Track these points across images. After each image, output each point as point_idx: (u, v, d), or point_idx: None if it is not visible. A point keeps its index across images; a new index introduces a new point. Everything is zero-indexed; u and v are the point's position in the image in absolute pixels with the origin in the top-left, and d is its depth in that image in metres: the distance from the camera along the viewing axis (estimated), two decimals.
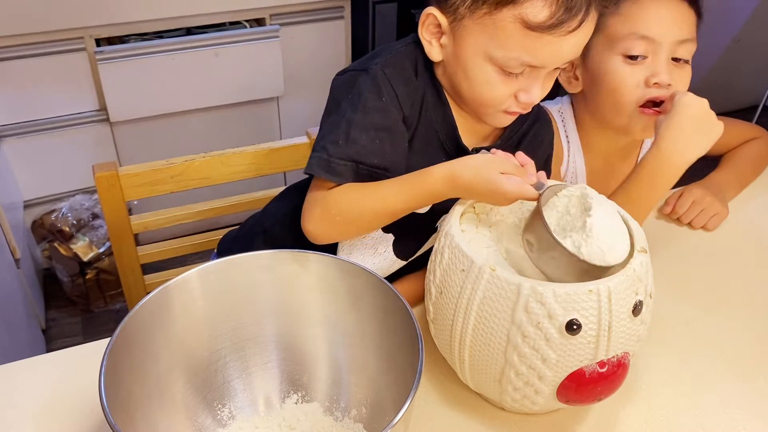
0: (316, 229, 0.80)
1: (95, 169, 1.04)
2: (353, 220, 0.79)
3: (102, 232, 1.99)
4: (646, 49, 0.95)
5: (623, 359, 0.65)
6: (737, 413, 0.76)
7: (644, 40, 0.94)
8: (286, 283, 0.73)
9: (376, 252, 0.90)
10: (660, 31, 0.94)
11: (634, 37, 0.94)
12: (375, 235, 0.89)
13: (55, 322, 1.99)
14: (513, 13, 0.71)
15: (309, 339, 0.75)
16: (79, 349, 0.82)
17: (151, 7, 1.86)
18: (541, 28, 0.71)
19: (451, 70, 0.81)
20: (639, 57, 0.95)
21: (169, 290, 0.68)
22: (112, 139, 2.00)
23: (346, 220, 0.79)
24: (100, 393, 0.56)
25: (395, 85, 0.80)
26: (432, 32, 0.79)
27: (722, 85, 2.96)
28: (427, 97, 0.84)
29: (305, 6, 2.07)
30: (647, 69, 0.96)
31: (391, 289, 0.67)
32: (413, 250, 0.93)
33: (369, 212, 0.78)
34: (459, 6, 0.75)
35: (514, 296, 0.62)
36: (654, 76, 0.95)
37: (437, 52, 0.80)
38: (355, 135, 0.78)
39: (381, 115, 0.79)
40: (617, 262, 0.66)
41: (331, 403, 0.75)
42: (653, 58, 0.95)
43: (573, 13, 0.71)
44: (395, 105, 0.80)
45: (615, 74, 0.97)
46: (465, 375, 0.72)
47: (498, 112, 0.81)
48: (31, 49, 1.79)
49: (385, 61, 0.81)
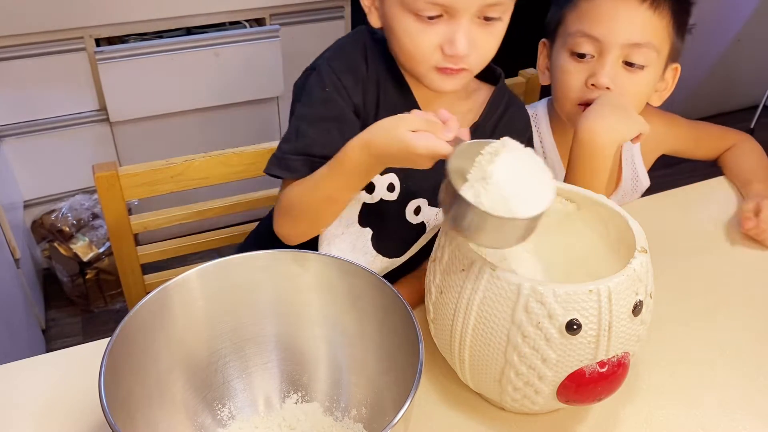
0: (280, 229, 0.81)
1: (95, 169, 1.04)
2: (301, 214, 0.79)
3: (102, 232, 1.98)
4: (593, 49, 0.95)
5: (623, 359, 0.65)
6: (737, 413, 0.76)
7: (590, 39, 0.94)
8: (286, 283, 0.73)
9: (355, 247, 0.90)
10: (607, 32, 0.93)
11: (580, 34, 0.94)
12: (352, 230, 0.89)
13: (55, 322, 1.99)
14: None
15: (309, 339, 0.75)
16: (79, 349, 0.82)
17: (151, 7, 1.86)
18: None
19: (388, 35, 0.81)
20: (586, 56, 0.95)
21: (169, 290, 0.67)
22: (112, 139, 2.00)
23: (296, 216, 0.80)
24: (100, 393, 0.56)
25: (341, 76, 0.81)
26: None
27: (722, 85, 2.96)
28: (384, 82, 0.84)
29: (305, 6, 2.07)
30: (590, 69, 0.95)
31: (391, 289, 0.67)
32: (399, 248, 0.93)
33: (312, 203, 0.78)
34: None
35: (514, 296, 0.62)
36: (592, 77, 0.95)
37: (375, 17, 0.81)
38: (304, 129, 0.80)
39: (327, 106, 0.81)
40: (529, 214, 0.59)
41: (331, 403, 0.75)
42: (598, 59, 0.95)
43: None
44: (341, 95, 0.81)
45: (562, 70, 0.98)
46: (465, 375, 0.72)
47: (430, 70, 0.79)
48: (31, 49, 1.79)
49: (330, 55, 0.84)
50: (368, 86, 0.83)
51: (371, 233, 0.90)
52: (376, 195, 0.88)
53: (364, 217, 0.89)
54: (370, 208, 0.89)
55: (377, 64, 0.84)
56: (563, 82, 0.99)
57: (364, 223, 0.89)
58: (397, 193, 0.88)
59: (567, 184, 0.78)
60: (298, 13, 2.07)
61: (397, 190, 0.88)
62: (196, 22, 1.96)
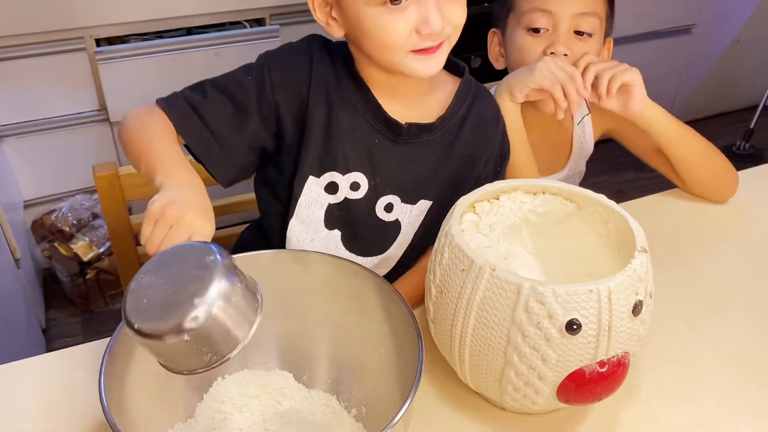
0: (119, 138, 0.83)
1: (95, 169, 1.04)
2: (128, 140, 0.81)
3: (102, 232, 1.99)
4: (547, 23, 1.03)
5: (623, 359, 0.65)
6: (737, 413, 0.76)
7: (544, 13, 1.03)
8: (287, 282, 0.73)
9: (327, 250, 0.90)
10: (559, 5, 1.02)
11: (535, 10, 1.03)
12: (321, 235, 0.90)
13: (55, 322, 1.99)
14: None
15: (309, 339, 0.75)
16: (79, 349, 0.82)
17: (151, 7, 1.86)
18: None
19: (353, 39, 0.82)
20: (541, 30, 1.04)
21: None
22: (112, 139, 2.00)
23: (125, 138, 0.81)
24: (100, 393, 0.56)
25: (272, 71, 0.83)
26: (324, 11, 0.83)
27: (722, 85, 2.97)
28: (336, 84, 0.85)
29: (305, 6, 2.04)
30: (547, 40, 1.04)
31: (391, 289, 0.68)
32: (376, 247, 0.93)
33: (135, 148, 0.79)
34: None
35: (514, 296, 0.62)
36: (550, 47, 1.03)
37: (336, 28, 0.82)
38: (207, 89, 0.83)
39: (238, 89, 0.82)
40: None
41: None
42: (553, 31, 1.04)
43: None
44: (259, 89, 0.82)
45: (520, 47, 1.07)
46: (465, 375, 0.72)
47: (407, 56, 0.79)
48: (31, 49, 1.79)
49: (273, 51, 0.86)
50: (307, 89, 0.84)
51: (340, 234, 0.91)
52: (340, 194, 0.88)
53: (329, 220, 0.89)
54: (335, 210, 0.89)
55: (325, 67, 0.85)
56: (524, 58, 1.06)
57: (331, 225, 0.90)
58: (365, 191, 0.88)
59: (567, 184, 0.78)
60: (298, 13, 2.07)
61: (364, 188, 0.88)
62: (196, 22, 1.96)
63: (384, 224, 0.91)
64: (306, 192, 0.87)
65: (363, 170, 0.87)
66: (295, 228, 0.89)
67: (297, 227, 0.89)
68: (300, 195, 0.87)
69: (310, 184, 0.87)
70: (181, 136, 0.81)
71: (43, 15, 1.75)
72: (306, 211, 0.89)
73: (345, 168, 0.87)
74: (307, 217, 0.89)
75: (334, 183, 0.87)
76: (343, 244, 0.91)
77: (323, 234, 0.90)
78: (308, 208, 0.88)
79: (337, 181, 0.87)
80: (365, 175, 0.87)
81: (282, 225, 0.91)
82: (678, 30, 2.71)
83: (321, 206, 0.88)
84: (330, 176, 0.87)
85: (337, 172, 0.87)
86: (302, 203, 0.88)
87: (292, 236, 0.90)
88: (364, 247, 0.93)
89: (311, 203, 0.88)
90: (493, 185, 0.77)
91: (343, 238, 0.91)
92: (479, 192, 0.76)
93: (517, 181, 0.79)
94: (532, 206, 0.79)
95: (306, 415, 0.73)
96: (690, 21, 2.71)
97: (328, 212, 0.89)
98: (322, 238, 0.90)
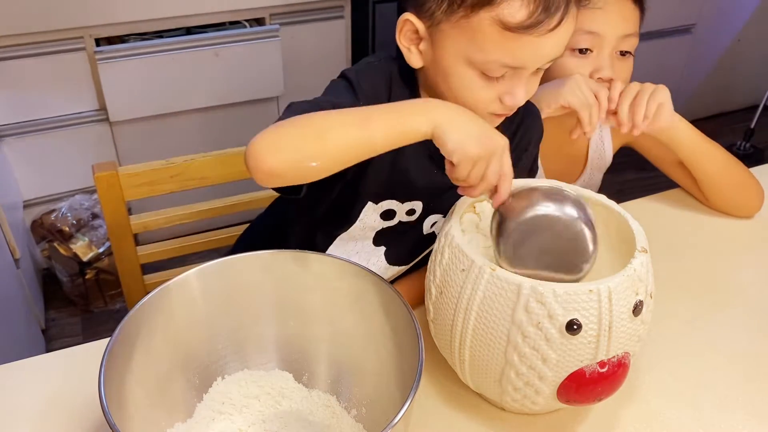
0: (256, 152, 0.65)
1: (95, 169, 1.04)
2: (301, 132, 0.67)
3: (102, 232, 1.98)
4: (592, 43, 1.01)
5: (623, 359, 0.65)
6: (737, 413, 0.76)
7: (590, 34, 1.00)
8: (286, 283, 0.73)
9: (369, 262, 0.90)
10: (605, 27, 1.00)
11: (581, 32, 1.00)
12: (366, 249, 0.89)
13: (54, 322, 1.99)
14: (490, 15, 0.69)
15: (309, 339, 0.75)
16: (79, 349, 0.82)
17: (150, 6, 1.86)
18: (519, 28, 0.69)
19: (431, 76, 0.79)
20: (586, 50, 1.02)
21: (169, 290, 0.67)
22: (111, 139, 2.00)
23: (292, 134, 0.66)
24: (100, 393, 0.55)
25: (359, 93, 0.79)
26: (410, 39, 0.77)
27: (722, 85, 2.97)
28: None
29: (305, 6, 2.07)
30: (593, 63, 1.02)
31: (391, 289, 0.67)
32: (410, 257, 0.94)
33: (324, 125, 0.67)
34: (435, 11, 0.73)
35: (514, 296, 0.62)
36: (597, 71, 1.01)
37: (417, 58, 0.78)
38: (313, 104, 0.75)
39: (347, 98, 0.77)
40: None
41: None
42: (598, 52, 1.01)
43: (551, 12, 0.69)
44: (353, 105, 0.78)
45: (564, 68, 1.03)
46: (465, 375, 0.72)
47: (483, 114, 0.79)
48: (31, 49, 1.79)
49: (359, 69, 0.81)
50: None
51: (384, 250, 0.90)
52: (395, 220, 0.88)
53: (378, 239, 0.89)
54: (386, 232, 0.88)
55: (402, 95, 0.82)
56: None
57: (378, 243, 0.89)
58: (418, 214, 0.88)
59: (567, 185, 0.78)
60: (298, 13, 2.07)
61: (418, 212, 0.88)
62: (196, 22, 1.96)
63: (424, 238, 0.91)
64: (362, 217, 0.86)
65: (421, 198, 0.86)
66: (345, 239, 0.88)
67: (347, 239, 0.89)
68: (356, 220, 0.86)
69: (367, 210, 0.85)
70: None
71: (43, 15, 1.75)
72: (358, 232, 0.88)
73: (405, 197, 0.86)
74: (358, 235, 0.88)
75: (391, 211, 0.86)
76: (386, 258, 0.91)
77: (368, 249, 0.90)
78: (362, 230, 0.88)
79: (395, 209, 0.86)
80: (422, 202, 0.87)
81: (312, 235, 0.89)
82: (678, 30, 2.71)
83: (373, 229, 0.88)
84: (388, 204, 0.86)
85: (397, 200, 0.86)
86: (357, 226, 0.86)
87: (339, 246, 0.89)
88: (402, 257, 0.93)
89: (365, 228, 0.87)
90: None
91: (387, 253, 0.91)
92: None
93: (517, 181, 0.79)
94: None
95: (306, 416, 0.73)
96: (690, 21, 2.71)
97: (378, 234, 0.88)
98: (367, 252, 0.90)
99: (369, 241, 0.89)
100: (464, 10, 0.70)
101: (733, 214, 1.11)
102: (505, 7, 0.68)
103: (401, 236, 0.89)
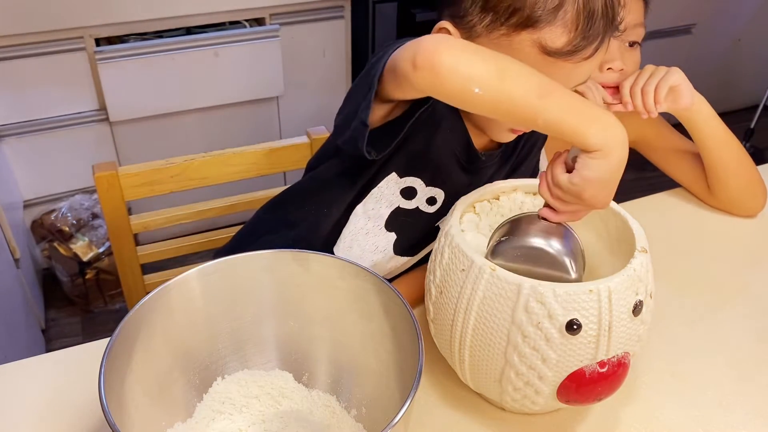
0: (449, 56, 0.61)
1: (95, 169, 1.04)
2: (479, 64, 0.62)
3: (102, 232, 1.99)
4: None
5: (623, 359, 0.65)
6: (737, 413, 0.76)
7: None
8: (286, 283, 0.73)
9: (377, 249, 0.90)
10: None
11: None
12: (378, 233, 0.89)
13: (54, 322, 1.99)
14: (532, 38, 0.70)
15: (309, 339, 0.75)
16: (79, 349, 0.82)
17: (150, 6, 1.86)
18: (558, 54, 0.69)
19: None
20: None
21: (169, 290, 0.67)
22: (111, 139, 2.00)
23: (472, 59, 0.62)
24: (100, 393, 0.55)
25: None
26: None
27: (722, 85, 2.97)
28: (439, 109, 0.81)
29: (305, 6, 2.07)
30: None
31: (391, 289, 0.67)
32: (416, 249, 0.93)
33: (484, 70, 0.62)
34: (476, 24, 0.73)
35: (514, 296, 0.62)
36: (608, 62, 1.01)
37: None
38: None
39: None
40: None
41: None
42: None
43: (590, 41, 0.70)
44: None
45: None
46: (465, 375, 0.72)
47: (504, 130, 0.81)
48: (31, 49, 1.79)
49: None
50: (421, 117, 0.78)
51: (395, 238, 0.90)
52: (413, 203, 0.87)
53: (392, 222, 0.88)
54: (402, 214, 0.88)
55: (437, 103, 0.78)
56: None
57: (390, 227, 0.89)
58: (437, 207, 0.88)
59: None
60: (298, 13, 2.07)
61: (438, 205, 0.87)
62: (196, 22, 1.96)
63: (436, 230, 0.91)
64: (382, 185, 0.85)
65: (444, 188, 0.86)
66: (359, 214, 0.87)
67: (361, 215, 0.87)
68: (375, 185, 0.85)
69: (389, 180, 0.85)
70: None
71: (43, 15, 1.75)
72: (373, 203, 0.87)
73: (430, 180, 0.85)
74: (372, 209, 0.87)
75: (412, 189, 0.86)
76: (394, 248, 0.91)
77: (380, 232, 0.89)
78: (377, 202, 0.87)
79: (417, 188, 0.86)
80: (445, 193, 0.87)
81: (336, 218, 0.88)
82: (678, 30, 2.71)
83: (390, 205, 0.87)
84: (412, 181, 0.85)
85: (422, 180, 0.85)
86: (374, 193, 0.86)
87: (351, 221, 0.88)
88: (409, 248, 0.92)
89: (381, 198, 0.86)
90: (493, 185, 0.77)
91: (396, 242, 0.90)
92: (479, 192, 0.76)
93: (517, 181, 0.79)
94: (532, 206, 0.79)
95: (306, 416, 0.73)
96: (690, 21, 2.71)
97: (393, 214, 0.88)
98: (376, 235, 0.89)
99: (381, 222, 0.88)
100: (507, 28, 0.71)
101: (735, 211, 1.10)
102: (548, 32, 0.69)
103: (414, 225, 0.89)
